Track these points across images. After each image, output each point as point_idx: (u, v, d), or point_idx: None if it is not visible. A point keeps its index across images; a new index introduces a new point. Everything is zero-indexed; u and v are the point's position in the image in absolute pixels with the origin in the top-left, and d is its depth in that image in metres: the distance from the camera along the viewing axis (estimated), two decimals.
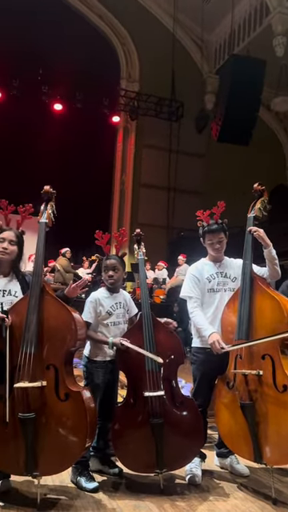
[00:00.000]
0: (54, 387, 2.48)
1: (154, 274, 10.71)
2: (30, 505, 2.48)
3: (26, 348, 2.47)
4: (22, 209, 2.81)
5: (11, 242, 2.68)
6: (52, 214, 2.81)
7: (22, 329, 2.50)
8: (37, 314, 2.52)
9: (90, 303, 2.92)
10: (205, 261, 3.10)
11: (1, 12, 10.94)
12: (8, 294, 2.68)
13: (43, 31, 11.10)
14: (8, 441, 2.45)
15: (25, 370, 2.46)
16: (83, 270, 11.09)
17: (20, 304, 2.60)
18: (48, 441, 2.45)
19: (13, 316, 2.54)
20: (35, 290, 2.57)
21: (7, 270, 2.72)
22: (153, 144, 13.38)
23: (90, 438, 2.53)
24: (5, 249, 2.66)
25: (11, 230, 2.73)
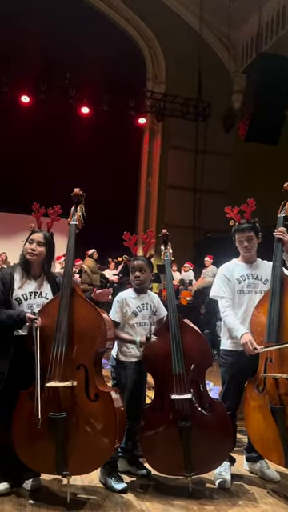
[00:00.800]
0: (84, 387, 2.50)
1: (180, 276, 10.66)
2: (60, 503, 2.51)
3: (57, 348, 2.51)
4: (51, 211, 2.86)
5: (39, 243, 2.72)
6: (82, 216, 2.85)
7: (53, 329, 2.54)
8: (67, 315, 2.55)
9: (117, 302, 2.94)
10: (236, 261, 3.06)
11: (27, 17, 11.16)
12: (39, 296, 2.73)
13: (70, 35, 11.24)
14: (39, 440, 2.49)
15: (56, 369, 2.49)
16: (109, 271, 11.17)
17: (51, 305, 2.64)
18: (78, 441, 2.47)
19: (44, 316, 2.58)
20: (66, 290, 2.60)
21: (38, 272, 2.77)
22: (179, 145, 13.33)
23: (118, 438, 2.55)
24: (33, 250, 2.70)
25: (41, 231, 2.78)
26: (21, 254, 2.78)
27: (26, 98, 11.33)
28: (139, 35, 13.24)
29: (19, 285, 2.69)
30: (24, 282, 2.70)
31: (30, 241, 2.73)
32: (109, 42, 11.97)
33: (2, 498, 2.53)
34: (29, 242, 2.73)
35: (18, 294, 2.68)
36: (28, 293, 2.70)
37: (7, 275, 2.69)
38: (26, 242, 2.75)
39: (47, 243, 2.75)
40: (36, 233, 2.75)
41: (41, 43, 10.81)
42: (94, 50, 11.33)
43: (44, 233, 2.77)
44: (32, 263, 2.73)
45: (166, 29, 13.00)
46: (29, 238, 2.75)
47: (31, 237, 2.74)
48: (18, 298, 2.68)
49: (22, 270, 2.73)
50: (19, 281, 2.70)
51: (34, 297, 2.71)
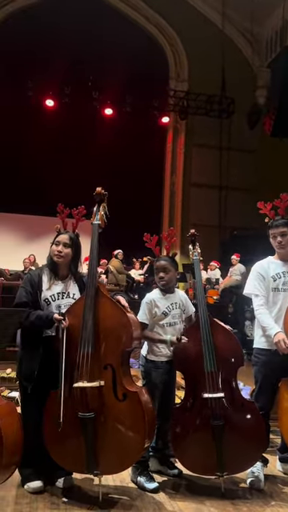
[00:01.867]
0: (111, 387, 2.50)
1: (207, 275, 10.58)
2: (92, 502, 2.52)
3: (84, 348, 2.52)
4: (75, 211, 2.86)
5: (65, 244, 2.74)
6: (105, 216, 2.84)
7: (79, 329, 2.55)
8: (93, 314, 2.56)
9: (146, 304, 2.91)
10: (271, 259, 2.99)
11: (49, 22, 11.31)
12: (67, 296, 2.75)
13: (91, 37, 11.33)
14: (69, 439, 2.51)
15: (83, 369, 2.51)
16: (135, 271, 11.20)
17: (77, 305, 2.65)
18: (108, 440, 2.48)
19: (70, 316, 2.59)
20: (90, 290, 2.61)
21: (65, 273, 2.79)
22: (203, 143, 13.22)
23: (148, 438, 2.53)
24: (59, 252, 2.72)
25: (66, 233, 2.79)
26: (48, 255, 2.80)
27: (51, 101, 11.49)
28: (161, 34, 13.21)
29: (47, 286, 2.71)
30: (52, 283, 2.73)
31: (56, 243, 2.75)
32: (130, 42, 11.99)
33: (36, 496, 2.56)
34: (55, 244, 2.75)
35: (46, 295, 2.70)
36: (56, 294, 2.73)
37: (35, 277, 2.73)
38: (53, 244, 2.77)
39: (73, 244, 2.77)
40: (62, 234, 2.77)
41: (64, 46, 10.93)
42: (115, 51, 11.38)
43: (70, 234, 2.79)
44: (59, 264, 2.75)
45: (188, 26, 12.92)
46: (55, 239, 2.77)
47: (57, 239, 2.76)
48: (47, 298, 2.70)
49: (50, 271, 2.76)
50: (47, 282, 2.72)
51: (61, 297, 2.73)
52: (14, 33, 11.44)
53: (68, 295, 2.75)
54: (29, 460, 2.53)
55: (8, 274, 10.23)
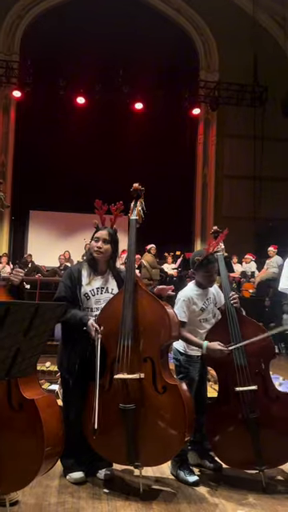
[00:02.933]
0: (151, 380, 2.52)
1: (242, 268, 10.41)
2: (133, 494, 2.55)
3: (124, 341, 2.55)
4: (113, 207, 2.87)
5: (105, 240, 2.76)
6: (142, 211, 2.85)
7: (118, 323, 2.58)
8: (132, 308, 2.58)
9: (184, 302, 2.87)
10: None
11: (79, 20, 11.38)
12: (105, 291, 2.78)
13: (121, 32, 11.32)
14: (111, 430, 2.55)
15: (123, 362, 2.54)
16: (168, 265, 11.18)
17: (116, 299, 2.68)
18: (148, 432, 2.50)
19: (109, 310, 2.63)
20: (129, 284, 2.63)
21: (104, 268, 2.82)
22: (235, 133, 12.98)
23: (188, 431, 2.53)
24: (99, 248, 2.74)
25: (105, 229, 2.80)
26: (87, 251, 2.84)
27: (82, 99, 11.60)
28: (190, 25, 13.02)
29: (87, 281, 2.75)
30: (92, 278, 2.76)
31: (95, 239, 2.77)
32: (159, 34, 11.90)
33: (78, 487, 2.61)
34: (94, 240, 2.77)
35: (86, 290, 2.74)
36: (95, 288, 2.76)
37: (75, 272, 2.76)
38: (92, 240, 2.79)
39: (112, 240, 2.79)
40: (101, 230, 2.78)
41: (93, 43, 11.00)
42: (145, 45, 11.33)
43: (109, 230, 2.80)
44: (99, 260, 2.78)
45: (218, 15, 12.66)
46: (94, 235, 2.79)
47: (96, 235, 2.77)
48: (86, 293, 2.74)
49: (89, 266, 2.79)
50: (87, 277, 2.76)
51: (101, 292, 2.77)
52: (45, 32, 11.62)
53: (107, 290, 2.78)
54: (70, 451, 2.59)
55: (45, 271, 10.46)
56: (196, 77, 12.89)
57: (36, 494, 2.51)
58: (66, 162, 11.48)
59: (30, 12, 12.21)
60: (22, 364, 1.80)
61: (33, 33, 12.18)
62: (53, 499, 2.49)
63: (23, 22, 12.18)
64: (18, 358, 1.76)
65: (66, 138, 11.44)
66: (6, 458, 2.11)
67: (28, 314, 1.71)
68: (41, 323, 1.78)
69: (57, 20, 11.80)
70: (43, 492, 2.54)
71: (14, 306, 1.65)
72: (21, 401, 2.14)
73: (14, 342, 1.71)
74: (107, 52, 11.04)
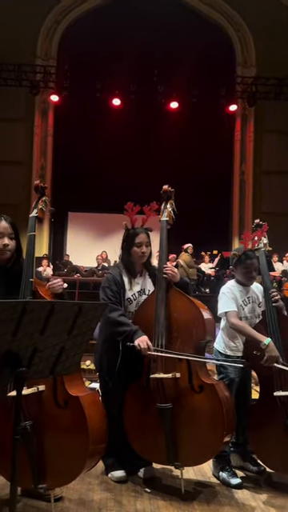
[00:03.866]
0: (187, 379, 2.51)
1: (283, 266, 10.15)
2: (175, 494, 2.54)
3: (158, 340, 2.55)
4: (147, 208, 2.86)
5: (147, 244, 2.76)
6: (172, 212, 2.82)
7: (152, 322, 2.59)
8: (164, 308, 2.58)
9: (227, 293, 2.82)
10: None
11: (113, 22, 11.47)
12: (143, 293, 2.79)
13: (155, 31, 11.32)
14: (149, 430, 2.56)
15: (158, 361, 2.54)
16: (205, 264, 11.07)
17: (149, 299, 2.70)
18: (186, 432, 2.49)
19: (144, 310, 2.64)
20: (161, 284, 2.64)
21: (140, 268, 2.82)
22: (274, 128, 12.66)
23: (227, 431, 2.49)
24: (143, 253, 2.75)
25: (144, 231, 2.77)
26: (123, 255, 2.81)
27: (117, 100, 11.68)
28: (226, 20, 12.82)
29: (129, 286, 2.76)
30: (132, 282, 2.77)
31: (137, 244, 2.72)
32: (194, 32, 11.81)
33: (120, 485, 2.64)
34: (137, 246, 2.73)
35: (128, 295, 2.76)
36: (136, 292, 2.78)
37: (118, 276, 2.74)
38: (133, 246, 2.73)
39: (150, 242, 2.79)
40: (140, 234, 2.75)
41: (128, 44, 11.06)
42: (180, 43, 11.28)
43: (147, 232, 2.79)
44: (136, 263, 2.78)
45: (253, 9, 12.39)
46: (134, 240, 2.73)
47: (138, 240, 2.73)
48: (129, 298, 2.76)
49: (127, 270, 2.78)
50: (128, 282, 2.76)
51: (140, 295, 2.78)
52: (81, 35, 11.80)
53: (144, 292, 2.79)
54: (111, 449, 2.61)
55: (83, 271, 10.65)
56: (232, 73, 12.68)
57: (79, 490, 2.55)
58: (103, 164, 11.61)
59: (67, 17, 12.43)
60: (66, 362, 1.82)
61: (69, 37, 12.41)
62: (96, 496, 2.52)
63: (60, 26, 12.43)
64: (62, 357, 1.79)
65: (102, 140, 11.58)
66: (51, 454, 2.16)
67: (72, 313, 1.73)
68: (84, 322, 1.80)
69: (92, 23, 11.95)
70: (86, 489, 2.58)
71: (58, 305, 1.68)
72: (66, 398, 2.18)
73: (58, 340, 1.74)
74: (142, 52, 11.07)
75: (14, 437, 1.55)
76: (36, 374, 1.71)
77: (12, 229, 2.33)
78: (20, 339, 1.59)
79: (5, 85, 11.41)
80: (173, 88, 11.66)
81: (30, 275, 2.28)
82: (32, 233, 2.40)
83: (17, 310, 1.54)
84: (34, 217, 2.45)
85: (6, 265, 2.35)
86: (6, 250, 2.30)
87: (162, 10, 11.69)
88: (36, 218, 2.46)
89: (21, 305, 1.57)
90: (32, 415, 2.16)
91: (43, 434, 2.18)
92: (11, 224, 2.34)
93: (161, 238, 2.78)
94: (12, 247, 2.32)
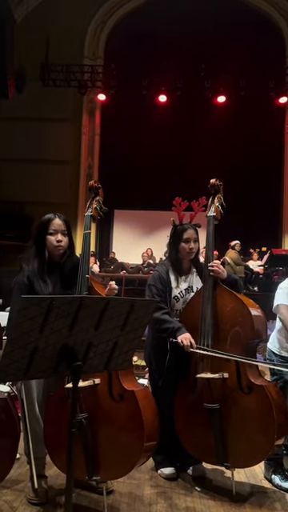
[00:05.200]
0: (236, 379, 2.46)
1: None
2: (225, 494, 2.51)
3: (204, 340, 2.52)
4: (195, 204, 2.82)
5: (195, 240, 2.72)
6: (220, 207, 2.76)
7: (198, 321, 2.55)
8: (211, 306, 2.53)
9: (285, 288, 2.72)
10: None
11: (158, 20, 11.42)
12: (191, 291, 2.76)
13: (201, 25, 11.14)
14: (199, 429, 2.54)
15: (205, 361, 2.51)
16: (253, 262, 10.81)
17: (196, 297, 2.66)
18: (235, 433, 2.44)
19: (190, 309, 2.61)
20: (208, 282, 2.59)
21: (188, 266, 2.79)
22: None
23: (279, 434, 2.41)
24: (191, 249, 2.71)
25: (192, 228, 2.73)
26: (171, 251, 2.79)
27: (164, 97, 11.63)
28: (274, 9, 12.40)
29: (175, 284, 2.74)
30: (179, 280, 2.75)
31: (185, 240, 2.69)
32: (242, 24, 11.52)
33: (170, 482, 2.64)
34: (184, 242, 2.70)
35: (175, 293, 2.74)
36: (183, 290, 2.75)
37: (164, 274, 2.73)
38: (181, 242, 2.71)
39: (198, 238, 2.75)
40: (188, 229, 2.72)
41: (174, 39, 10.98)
42: (226, 35, 11.05)
43: (195, 228, 2.75)
44: (184, 259, 2.75)
45: None
46: (182, 236, 2.70)
47: (186, 235, 2.70)
48: (176, 296, 2.74)
49: (174, 267, 2.76)
50: (174, 280, 2.74)
51: (187, 292, 2.76)
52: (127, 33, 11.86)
53: (191, 289, 2.76)
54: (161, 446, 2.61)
55: (129, 268, 10.74)
56: (282, 65, 12.25)
57: (129, 485, 2.58)
58: (148, 161, 11.63)
59: (113, 16, 12.53)
60: (119, 358, 1.84)
61: (115, 35, 12.51)
62: (146, 491, 2.54)
63: (107, 25, 12.55)
64: (116, 352, 1.80)
65: (147, 137, 11.59)
66: (106, 447, 2.19)
67: (125, 309, 1.74)
68: (136, 319, 1.81)
69: (137, 21, 11.97)
70: (136, 484, 2.60)
71: (112, 301, 1.70)
72: (121, 392, 2.21)
73: (112, 336, 1.75)
74: (188, 47, 10.95)
75: (70, 429, 1.58)
76: (91, 368, 1.74)
77: (65, 226, 2.40)
78: (76, 334, 1.62)
79: (53, 86, 11.68)
80: (220, 82, 11.44)
81: (85, 272, 2.34)
82: (87, 231, 2.45)
83: (73, 305, 1.57)
84: (89, 215, 2.50)
85: (60, 260, 2.42)
86: (60, 246, 2.36)
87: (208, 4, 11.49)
88: (91, 216, 2.51)
89: (77, 300, 1.60)
90: (87, 408, 2.20)
91: (98, 427, 2.21)
92: (64, 221, 2.41)
93: (207, 234, 2.73)
94: (65, 244, 2.39)
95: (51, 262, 2.39)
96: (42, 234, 2.37)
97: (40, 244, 2.37)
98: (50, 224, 2.36)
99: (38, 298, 1.56)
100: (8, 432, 2.04)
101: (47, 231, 2.36)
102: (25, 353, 1.54)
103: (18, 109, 11.39)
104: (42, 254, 2.36)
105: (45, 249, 2.36)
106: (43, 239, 2.36)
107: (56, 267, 2.40)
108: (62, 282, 2.38)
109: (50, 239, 2.36)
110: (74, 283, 2.36)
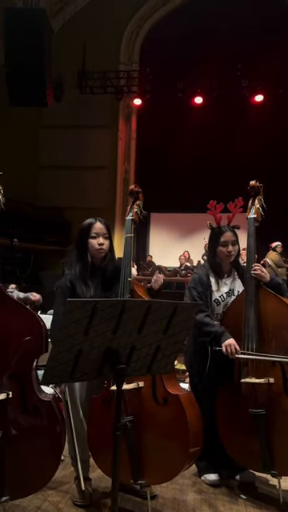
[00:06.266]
0: (282, 384, 2.38)
1: None
2: (272, 503, 2.43)
3: (248, 344, 2.46)
4: (232, 205, 2.77)
5: (233, 242, 2.67)
6: (261, 209, 2.69)
7: (240, 325, 2.50)
8: (254, 309, 2.47)
9: None
10: None
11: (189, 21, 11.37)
12: (232, 294, 2.71)
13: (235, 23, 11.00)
14: (243, 434, 2.48)
15: (249, 365, 2.45)
16: None
17: (237, 300, 2.61)
18: (282, 440, 2.36)
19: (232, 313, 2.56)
20: (250, 285, 2.53)
21: (228, 268, 2.74)
22: None
23: None
24: (230, 252, 2.66)
25: (230, 230, 2.69)
26: (209, 255, 2.76)
27: (200, 98, 11.56)
28: None
29: (216, 287, 2.70)
30: (219, 283, 2.71)
31: (222, 243, 2.65)
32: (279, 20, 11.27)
33: (214, 489, 2.59)
34: (222, 245, 2.65)
35: (215, 296, 2.70)
36: (224, 293, 2.71)
37: (204, 277, 2.70)
38: (219, 246, 2.67)
39: (238, 240, 2.70)
40: (226, 232, 2.67)
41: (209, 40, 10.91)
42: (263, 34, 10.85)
43: (233, 230, 2.70)
44: (224, 262, 2.71)
45: None
46: (219, 239, 2.66)
47: (223, 238, 2.65)
48: (217, 299, 2.70)
49: (215, 271, 2.72)
50: (215, 283, 2.70)
51: (228, 296, 2.71)
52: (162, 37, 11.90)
53: (233, 293, 2.71)
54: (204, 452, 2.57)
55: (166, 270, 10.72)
56: None
57: (172, 490, 2.55)
58: (184, 163, 11.59)
59: (149, 20, 12.62)
60: (162, 361, 1.83)
61: (150, 40, 12.58)
62: (189, 497, 2.50)
63: (142, 30, 12.65)
64: (158, 356, 1.79)
65: (183, 139, 11.55)
66: (151, 451, 2.18)
67: (167, 313, 1.73)
68: (179, 322, 1.80)
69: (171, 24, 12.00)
70: (179, 490, 2.57)
71: (155, 305, 1.69)
72: (165, 395, 2.19)
73: (155, 339, 1.75)
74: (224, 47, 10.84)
75: (114, 432, 1.58)
76: (134, 371, 1.74)
77: (106, 229, 2.43)
78: (120, 337, 1.62)
79: (91, 93, 11.90)
80: (258, 81, 11.24)
81: (128, 275, 2.36)
82: (129, 234, 2.47)
83: (117, 308, 1.58)
84: (130, 219, 2.52)
85: (102, 264, 2.44)
86: (102, 249, 2.39)
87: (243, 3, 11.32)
88: (132, 220, 2.52)
89: (120, 303, 1.61)
90: (131, 411, 2.20)
91: (142, 431, 2.21)
92: (105, 225, 2.44)
93: (248, 236, 2.66)
94: (107, 247, 2.42)
95: (93, 266, 2.42)
96: (85, 238, 2.40)
97: (82, 248, 2.41)
98: (91, 228, 2.40)
99: (83, 301, 1.58)
100: (53, 434, 2.07)
101: (89, 235, 2.40)
102: (70, 355, 1.56)
103: (56, 117, 11.69)
104: (84, 257, 2.40)
105: (87, 252, 2.40)
106: (85, 243, 2.40)
107: (98, 270, 2.43)
108: (102, 285, 2.41)
109: (92, 243, 2.39)
110: (114, 286, 2.38)
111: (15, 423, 2.03)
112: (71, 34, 11.59)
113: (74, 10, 12.21)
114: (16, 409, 2.03)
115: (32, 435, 2.04)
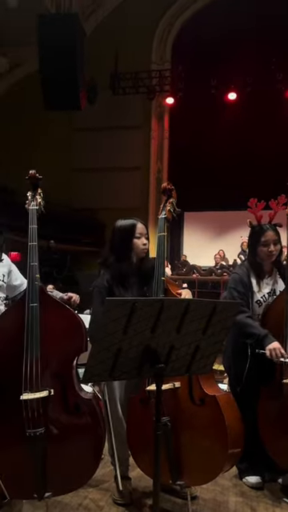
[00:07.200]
0: None
1: None
2: None
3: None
4: (274, 202, 2.69)
5: (275, 242, 2.59)
6: None
7: (282, 326, 2.42)
8: None
9: None
10: None
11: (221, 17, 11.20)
12: (273, 295, 2.63)
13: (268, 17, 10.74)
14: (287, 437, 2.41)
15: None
16: None
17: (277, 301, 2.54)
18: None
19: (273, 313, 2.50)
20: None
21: (269, 268, 2.66)
22: None
23: None
24: (271, 252, 2.58)
25: (272, 229, 2.60)
26: (250, 254, 2.70)
27: (233, 94, 11.38)
28: None
29: (257, 288, 2.62)
30: (261, 283, 2.64)
31: (263, 243, 2.57)
32: None
33: (256, 491, 2.54)
34: (263, 244, 2.58)
35: (257, 297, 2.62)
36: (266, 294, 2.64)
37: (245, 277, 2.62)
38: (259, 245, 2.59)
39: (280, 239, 2.61)
40: (267, 231, 2.59)
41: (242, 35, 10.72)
42: None
43: (275, 229, 2.61)
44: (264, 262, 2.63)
45: None
46: (260, 239, 2.58)
47: (264, 238, 2.57)
48: (258, 300, 2.63)
49: (255, 271, 2.64)
50: (256, 284, 2.63)
51: (270, 296, 2.63)
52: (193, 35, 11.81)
53: (274, 293, 2.64)
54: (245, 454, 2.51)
55: (201, 270, 10.63)
56: None
57: (213, 491, 2.52)
58: (219, 160, 11.42)
59: (180, 18, 12.55)
60: (201, 361, 1.80)
61: (181, 38, 12.51)
62: (230, 499, 2.46)
63: (174, 28, 12.59)
64: (197, 356, 1.77)
65: (217, 136, 11.41)
66: (190, 452, 2.16)
67: (207, 312, 1.70)
68: (218, 321, 1.76)
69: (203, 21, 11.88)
70: (220, 491, 2.54)
71: (193, 303, 1.67)
72: (202, 396, 2.16)
73: (194, 339, 1.72)
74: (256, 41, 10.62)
75: (155, 432, 1.57)
76: (173, 371, 1.72)
77: (146, 230, 2.44)
78: (158, 336, 1.61)
79: (123, 94, 11.96)
80: None
81: (161, 274, 2.34)
82: (162, 233, 2.45)
83: (155, 307, 1.57)
84: (163, 218, 2.51)
85: (138, 263, 2.44)
86: (146, 249, 2.42)
87: None
88: (165, 219, 2.50)
89: (159, 302, 1.60)
90: (168, 412, 2.19)
91: (180, 431, 2.19)
92: (145, 225, 2.46)
93: None
94: (148, 247, 2.42)
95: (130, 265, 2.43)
96: (129, 238, 2.40)
97: (127, 248, 2.39)
98: (135, 228, 2.40)
99: (122, 300, 1.58)
100: (94, 431, 2.09)
101: (134, 235, 2.39)
102: (109, 354, 1.56)
103: (89, 119, 11.82)
104: (129, 257, 2.39)
105: (131, 252, 2.40)
106: (130, 243, 2.39)
107: (134, 270, 2.43)
108: (138, 284, 2.41)
109: (138, 243, 2.40)
110: (148, 284, 2.38)
111: (57, 421, 2.06)
112: (103, 36, 11.69)
113: (106, 12, 12.31)
114: (58, 407, 2.06)
115: (73, 433, 2.07)
